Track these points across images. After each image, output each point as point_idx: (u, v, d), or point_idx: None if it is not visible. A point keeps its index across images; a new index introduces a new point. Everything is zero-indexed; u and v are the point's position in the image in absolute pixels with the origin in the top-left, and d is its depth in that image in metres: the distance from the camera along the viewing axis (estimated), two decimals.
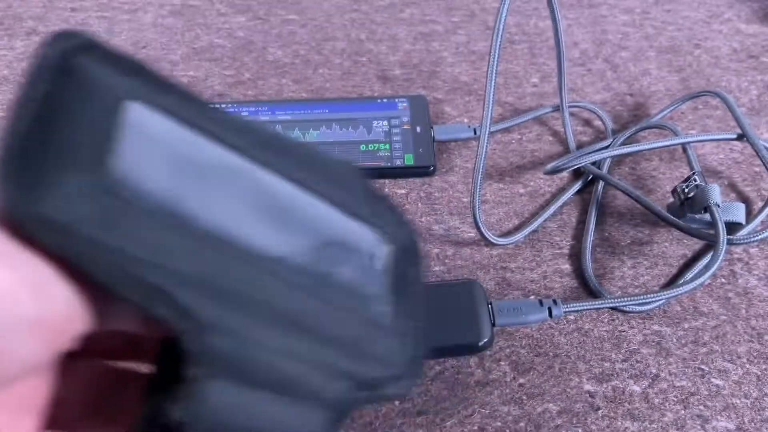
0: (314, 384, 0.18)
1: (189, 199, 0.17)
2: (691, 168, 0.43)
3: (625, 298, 0.36)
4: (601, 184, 0.44)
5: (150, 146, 0.16)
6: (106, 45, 0.16)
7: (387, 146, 0.46)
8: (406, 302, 0.22)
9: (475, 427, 0.32)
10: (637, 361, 0.35)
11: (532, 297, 0.38)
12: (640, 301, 0.36)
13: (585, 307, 0.36)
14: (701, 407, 0.33)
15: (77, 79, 0.15)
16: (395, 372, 0.20)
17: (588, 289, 0.38)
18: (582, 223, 0.42)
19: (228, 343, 0.17)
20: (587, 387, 0.34)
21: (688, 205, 0.39)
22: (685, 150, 0.44)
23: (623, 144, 0.46)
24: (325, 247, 0.20)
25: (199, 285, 0.16)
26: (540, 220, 0.42)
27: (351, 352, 0.19)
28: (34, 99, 0.15)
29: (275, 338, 0.18)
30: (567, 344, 0.36)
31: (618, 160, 0.46)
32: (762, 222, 0.42)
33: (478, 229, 0.39)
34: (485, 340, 0.35)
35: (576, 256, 0.40)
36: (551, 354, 0.35)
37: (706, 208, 0.38)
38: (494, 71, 0.39)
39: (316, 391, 0.18)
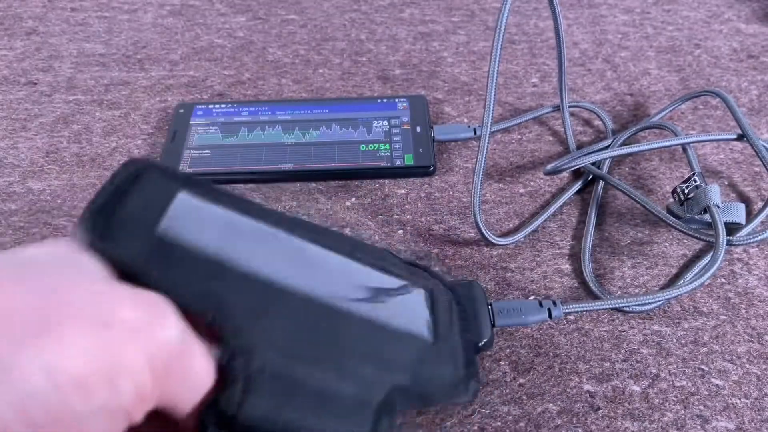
0: (356, 392, 0.22)
1: (223, 246, 0.22)
2: (691, 168, 0.43)
3: (625, 299, 0.36)
4: (601, 184, 0.44)
5: (193, 217, 0.23)
6: (163, 166, 0.24)
7: (387, 146, 0.46)
8: (448, 333, 0.26)
9: (475, 427, 0.32)
10: (637, 361, 0.35)
11: (532, 297, 0.38)
12: (640, 302, 0.36)
13: (585, 308, 0.36)
14: (701, 407, 0.33)
15: (143, 180, 0.23)
16: (443, 382, 0.24)
17: (588, 290, 0.38)
18: (582, 223, 0.42)
19: (269, 358, 0.21)
20: (587, 387, 0.34)
21: (688, 206, 0.39)
22: (685, 150, 0.44)
23: (623, 144, 0.46)
24: (349, 288, 0.24)
25: (238, 310, 0.21)
26: (540, 220, 0.42)
27: (386, 366, 0.23)
28: (113, 184, 0.23)
29: (311, 353, 0.22)
30: (567, 344, 0.36)
31: (618, 160, 0.46)
32: (762, 222, 0.42)
33: (478, 229, 0.39)
34: (485, 340, 0.34)
35: (576, 257, 0.40)
36: (551, 354, 0.35)
37: (706, 209, 0.38)
38: (495, 71, 0.39)
39: (359, 398, 0.22)
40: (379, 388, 0.22)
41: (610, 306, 0.36)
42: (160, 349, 0.18)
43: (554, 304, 0.36)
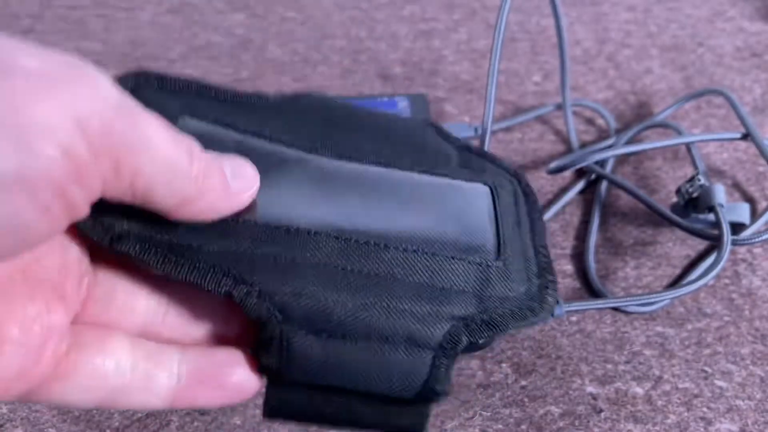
0: (408, 331, 0.19)
1: None
2: (695, 167, 0.42)
3: (628, 298, 0.36)
4: (604, 183, 0.43)
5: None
6: (162, 75, 0.21)
7: None
8: (515, 238, 0.22)
9: (476, 430, 0.32)
10: (640, 363, 0.35)
11: None
12: (643, 302, 0.36)
13: (587, 307, 0.36)
14: (704, 409, 0.33)
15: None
16: (511, 304, 0.20)
17: (591, 290, 0.38)
18: (585, 223, 0.42)
19: (298, 303, 0.19)
20: (590, 389, 0.34)
21: (692, 205, 0.39)
22: (689, 149, 0.44)
23: (626, 143, 0.46)
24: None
25: (254, 260, 0.19)
26: None
27: (438, 295, 0.20)
28: None
29: (348, 295, 0.19)
30: (569, 346, 0.35)
31: (621, 160, 0.46)
32: (766, 222, 0.41)
33: None
34: (485, 338, 0.34)
35: (579, 257, 0.40)
36: (553, 356, 0.35)
37: (710, 208, 0.38)
38: (495, 69, 0.38)
39: (414, 337, 0.19)
40: (436, 325, 0.19)
41: (613, 305, 0.36)
42: (90, 108, 0.15)
43: (556, 302, 0.35)
